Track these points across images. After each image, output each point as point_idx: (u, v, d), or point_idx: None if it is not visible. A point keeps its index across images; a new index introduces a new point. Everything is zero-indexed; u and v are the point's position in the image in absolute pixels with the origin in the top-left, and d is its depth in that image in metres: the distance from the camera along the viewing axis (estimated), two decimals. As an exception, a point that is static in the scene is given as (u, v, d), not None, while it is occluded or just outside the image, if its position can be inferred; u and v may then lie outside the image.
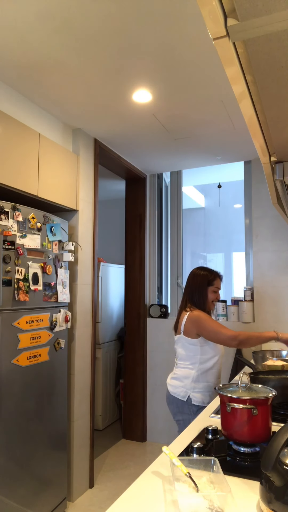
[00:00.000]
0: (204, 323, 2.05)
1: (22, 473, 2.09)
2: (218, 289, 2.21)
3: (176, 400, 2.08)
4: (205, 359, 2.07)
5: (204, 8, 0.65)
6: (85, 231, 2.84)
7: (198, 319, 2.06)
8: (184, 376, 2.09)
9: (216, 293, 2.21)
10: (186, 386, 2.07)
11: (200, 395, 2.04)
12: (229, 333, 1.98)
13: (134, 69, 2.06)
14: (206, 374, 2.08)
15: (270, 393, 1.17)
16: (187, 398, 2.04)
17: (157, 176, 4.00)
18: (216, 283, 2.20)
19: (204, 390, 2.06)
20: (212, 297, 2.19)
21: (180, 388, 2.08)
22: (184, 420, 2.06)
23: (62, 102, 2.46)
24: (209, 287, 2.18)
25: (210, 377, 2.08)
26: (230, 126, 2.76)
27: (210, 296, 2.18)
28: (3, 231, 1.99)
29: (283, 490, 0.78)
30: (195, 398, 2.04)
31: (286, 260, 3.24)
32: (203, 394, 2.05)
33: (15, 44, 1.88)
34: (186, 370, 2.09)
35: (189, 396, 2.04)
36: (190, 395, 2.05)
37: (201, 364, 2.07)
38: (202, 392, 2.05)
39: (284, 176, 1.49)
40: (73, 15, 1.67)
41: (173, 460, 0.96)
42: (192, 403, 2.03)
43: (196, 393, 2.05)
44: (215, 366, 2.10)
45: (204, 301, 2.17)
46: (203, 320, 2.05)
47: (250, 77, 0.89)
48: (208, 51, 1.91)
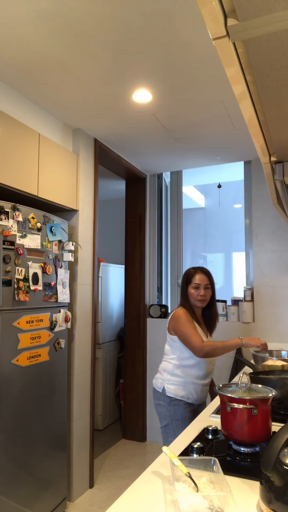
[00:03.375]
0: (180, 325, 2.08)
1: (22, 473, 2.09)
2: (198, 284, 2.15)
3: (155, 390, 2.18)
4: (185, 357, 2.11)
5: (204, 8, 0.65)
6: (85, 231, 2.84)
7: (178, 319, 2.10)
8: (163, 368, 2.18)
9: (198, 290, 2.15)
10: (163, 377, 2.15)
11: (174, 387, 2.09)
12: (197, 343, 1.99)
13: (134, 69, 2.06)
14: (184, 370, 2.10)
15: (270, 393, 1.17)
16: (162, 389, 2.12)
17: (157, 176, 4.00)
18: (195, 279, 2.16)
19: (179, 384, 2.10)
20: (194, 294, 2.15)
21: (159, 380, 2.17)
22: (160, 412, 2.14)
23: (62, 102, 2.46)
24: (189, 285, 2.17)
25: (188, 374, 2.10)
26: (230, 126, 2.76)
27: (191, 293, 2.16)
28: (3, 231, 1.99)
29: (283, 490, 0.78)
30: (169, 390, 2.10)
31: (286, 260, 3.24)
32: (177, 387, 2.09)
33: (15, 44, 1.88)
34: (165, 363, 2.18)
35: (164, 387, 2.12)
36: (165, 386, 2.12)
37: (180, 360, 2.12)
38: (176, 385, 2.10)
39: (284, 176, 1.49)
40: (73, 15, 1.67)
41: (173, 460, 0.96)
42: (166, 394, 2.10)
43: (170, 385, 2.10)
44: (198, 366, 2.11)
45: (187, 300, 2.18)
46: (180, 322, 2.08)
47: (250, 77, 0.89)
48: (208, 51, 1.91)
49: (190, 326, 2.06)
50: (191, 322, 2.09)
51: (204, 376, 2.14)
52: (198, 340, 2.01)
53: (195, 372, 2.11)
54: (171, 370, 2.13)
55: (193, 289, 2.15)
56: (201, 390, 2.13)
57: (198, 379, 2.11)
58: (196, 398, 2.12)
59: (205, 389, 2.17)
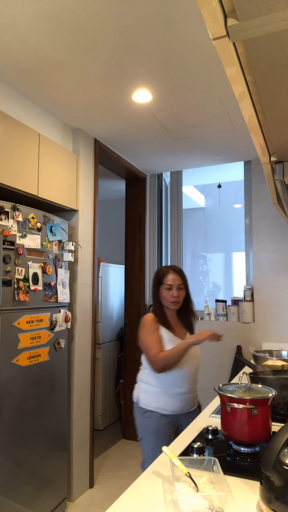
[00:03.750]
0: (141, 335, 1.95)
1: (22, 473, 2.09)
2: (170, 285, 1.95)
3: (134, 403, 2.03)
4: None
5: (204, 8, 0.65)
6: (85, 231, 2.84)
7: (141, 327, 1.97)
8: (139, 377, 2.04)
9: (170, 291, 1.95)
10: (138, 387, 2.01)
11: (146, 397, 1.93)
12: (152, 357, 1.85)
13: (134, 69, 2.06)
14: (158, 378, 1.91)
15: (270, 393, 1.17)
16: (137, 399, 1.98)
17: (157, 176, 4.00)
18: (167, 280, 1.96)
19: (152, 393, 1.92)
20: (167, 297, 1.96)
21: (135, 390, 2.03)
22: (136, 424, 1.97)
23: (62, 102, 2.46)
24: (160, 286, 1.98)
25: (163, 382, 1.90)
26: (230, 126, 2.76)
27: (163, 295, 1.97)
28: (3, 231, 1.99)
29: (283, 490, 0.78)
30: (142, 400, 1.95)
31: (286, 260, 3.24)
32: (150, 397, 1.92)
33: (15, 44, 1.88)
34: (140, 372, 2.03)
35: (138, 397, 1.97)
36: (139, 396, 1.97)
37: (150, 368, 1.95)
38: (148, 394, 1.93)
39: (284, 176, 1.49)
40: (73, 15, 1.67)
41: (173, 460, 0.96)
42: (139, 405, 1.95)
43: (143, 395, 1.95)
44: (174, 373, 1.90)
45: (159, 303, 2.00)
46: (143, 331, 1.95)
47: (250, 77, 0.89)
48: (208, 51, 1.91)
49: (150, 337, 1.90)
50: (152, 332, 1.92)
51: (181, 384, 1.92)
52: (154, 353, 1.85)
53: (170, 379, 1.90)
54: (145, 378, 1.97)
55: (165, 290, 1.96)
56: (180, 400, 1.91)
57: (174, 387, 1.90)
58: (173, 410, 1.90)
59: (186, 398, 1.93)
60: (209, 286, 5.26)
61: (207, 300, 3.69)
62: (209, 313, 3.50)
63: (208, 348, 3.44)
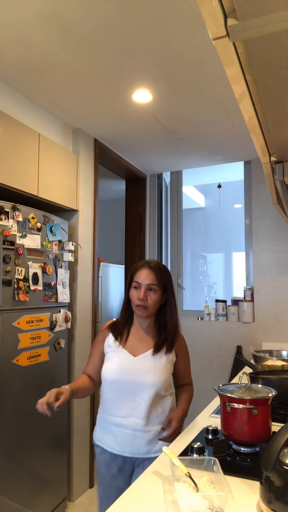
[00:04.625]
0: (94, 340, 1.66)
1: (22, 473, 2.09)
2: (138, 284, 1.51)
3: None
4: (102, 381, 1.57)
5: (204, 8, 0.65)
6: (85, 231, 2.84)
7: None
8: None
9: (137, 290, 1.50)
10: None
11: (97, 427, 1.58)
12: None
13: (134, 69, 2.06)
14: (103, 403, 1.56)
15: (270, 393, 1.17)
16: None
17: (157, 176, 4.00)
18: (136, 277, 1.53)
19: (98, 422, 1.57)
20: (133, 297, 1.52)
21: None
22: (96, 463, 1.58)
23: (62, 102, 2.46)
24: (131, 284, 1.55)
25: (104, 407, 1.54)
26: (230, 126, 2.76)
27: (131, 295, 1.54)
28: (3, 231, 1.99)
29: (283, 490, 0.78)
30: (94, 433, 1.60)
31: (286, 260, 3.24)
32: (98, 428, 1.57)
33: (15, 44, 1.88)
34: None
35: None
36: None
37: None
38: (98, 424, 1.58)
39: (284, 176, 1.49)
40: (73, 15, 1.67)
41: (173, 460, 0.96)
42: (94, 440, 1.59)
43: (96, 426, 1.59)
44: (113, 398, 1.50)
45: (125, 305, 1.60)
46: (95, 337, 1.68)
47: (250, 77, 0.89)
48: (208, 51, 1.91)
49: (92, 348, 1.65)
50: (95, 344, 1.62)
51: (113, 412, 1.49)
52: (86, 367, 1.62)
53: (109, 404, 1.51)
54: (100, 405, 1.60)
55: (133, 289, 1.53)
56: (124, 437, 1.45)
57: (117, 417, 1.48)
58: (115, 447, 1.47)
59: (139, 436, 1.44)
60: (209, 286, 5.26)
61: (207, 300, 3.69)
62: (209, 313, 3.50)
63: (208, 348, 3.44)
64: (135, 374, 1.47)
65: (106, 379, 1.50)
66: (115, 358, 1.51)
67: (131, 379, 1.46)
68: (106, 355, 1.56)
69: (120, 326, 1.59)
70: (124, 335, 1.56)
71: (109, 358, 1.54)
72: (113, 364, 1.51)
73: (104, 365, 1.55)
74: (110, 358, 1.53)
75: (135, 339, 1.55)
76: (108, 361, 1.53)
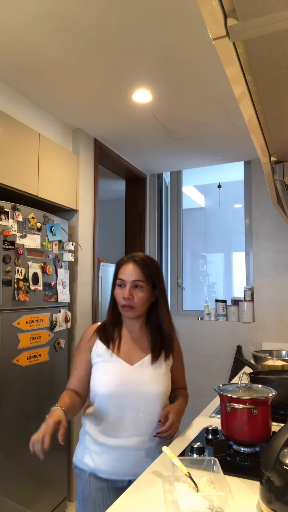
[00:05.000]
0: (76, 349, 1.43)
1: (22, 473, 2.09)
2: (122, 281, 1.34)
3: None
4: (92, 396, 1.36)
5: (204, 8, 0.65)
6: (85, 231, 2.84)
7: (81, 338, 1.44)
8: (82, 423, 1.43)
9: (122, 288, 1.34)
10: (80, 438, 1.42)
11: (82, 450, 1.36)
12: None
13: (134, 69, 2.06)
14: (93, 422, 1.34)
15: (270, 393, 1.17)
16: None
17: (157, 176, 4.00)
18: (120, 273, 1.36)
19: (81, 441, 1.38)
20: (118, 297, 1.36)
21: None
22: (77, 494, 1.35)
23: (62, 102, 2.46)
24: (115, 281, 1.38)
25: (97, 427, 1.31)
26: (230, 126, 2.76)
27: (115, 294, 1.38)
28: (3, 231, 1.99)
29: (283, 490, 0.78)
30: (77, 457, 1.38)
31: (286, 260, 3.24)
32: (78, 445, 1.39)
33: (15, 44, 1.88)
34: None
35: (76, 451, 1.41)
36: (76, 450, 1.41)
37: (88, 407, 1.38)
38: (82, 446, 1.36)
39: (284, 176, 1.49)
40: (73, 15, 1.67)
41: (173, 460, 0.96)
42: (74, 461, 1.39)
43: (78, 448, 1.39)
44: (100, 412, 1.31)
45: (111, 306, 1.43)
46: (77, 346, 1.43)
47: (250, 77, 0.89)
48: (208, 51, 1.91)
49: (75, 358, 1.40)
50: (79, 353, 1.39)
51: (112, 431, 1.29)
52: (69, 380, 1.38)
53: (105, 424, 1.30)
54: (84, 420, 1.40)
55: (117, 287, 1.37)
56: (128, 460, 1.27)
57: (117, 438, 1.28)
58: (114, 472, 1.27)
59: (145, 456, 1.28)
60: (209, 286, 5.26)
61: (207, 300, 3.69)
62: (209, 313, 3.50)
63: (208, 348, 3.44)
64: (135, 386, 1.29)
65: (101, 393, 1.28)
66: (109, 368, 1.31)
67: (132, 392, 1.28)
68: (95, 365, 1.34)
69: (109, 330, 1.37)
70: (116, 340, 1.36)
71: (100, 368, 1.32)
72: (108, 376, 1.30)
73: (95, 377, 1.33)
74: (102, 369, 1.32)
75: (128, 345, 1.37)
76: (100, 373, 1.32)
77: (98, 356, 1.34)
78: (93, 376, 1.33)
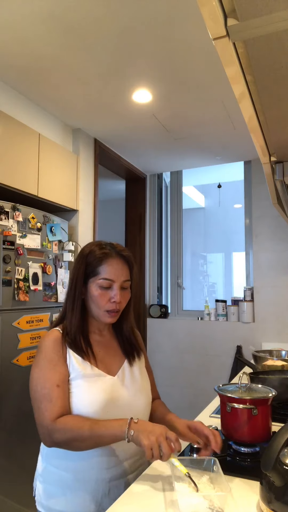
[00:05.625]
0: (34, 366, 1.12)
1: (22, 473, 2.09)
2: (110, 282, 1.11)
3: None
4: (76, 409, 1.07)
5: (204, 8, 0.65)
6: (85, 231, 2.84)
7: (38, 351, 1.15)
8: (40, 451, 1.23)
9: (109, 291, 1.11)
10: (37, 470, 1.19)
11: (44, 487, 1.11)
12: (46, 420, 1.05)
13: (134, 69, 2.06)
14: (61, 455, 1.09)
15: (270, 393, 1.17)
16: (37, 495, 1.13)
17: (157, 176, 4.00)
18: (105, 270, 1.10)
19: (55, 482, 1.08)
20: (101, 301, 1.11)
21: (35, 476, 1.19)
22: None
23: (62, 102, 2.46)
24: (91, 278, 1.12)
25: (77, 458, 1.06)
26: (230, 126, 2.76)
27: (96, 297, 1.11)
28: (3, 231, 1.99)
29: (283, 490, 0.78)
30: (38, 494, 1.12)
31: (286, 260, 3.24)
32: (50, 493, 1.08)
33: (16, 45, 1.88)
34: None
35: (35, 487, 1.16)
36: (36, 485, 1.16)
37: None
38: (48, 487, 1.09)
39: (284, 176, 1.49)
40: (73, 15, 1.67)
41: (172, 460, 0.96)
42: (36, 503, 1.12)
43: (41, 486, 1.12)
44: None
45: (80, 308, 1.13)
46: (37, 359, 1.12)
47: (250, 77, 0.89)
48: (208, 51, 1.91)
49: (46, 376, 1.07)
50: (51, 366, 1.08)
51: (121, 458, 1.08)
52: (48, 415, 1.04)
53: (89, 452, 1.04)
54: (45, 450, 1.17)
55: (99, 288, 1.11)
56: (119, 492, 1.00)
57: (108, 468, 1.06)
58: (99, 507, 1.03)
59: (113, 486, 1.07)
60: (209, 286, 5.26)
61: (207, 300, 3.70)
62: (209, 313, 3.50)
63: (208, 348, 3.44)
64: (125, 399, 1.09)
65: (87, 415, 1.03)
66: (93, 384, 1.07)
67: (122, 407, 1.07)
68: (74, 382, 1.07)
69: (77, 338, 1.11)
70: (88, 349, 1.12)
71: (82, 385, 1.06)
72: (94, 393, 1.06)
73: (78, 396, 1.06)
74: (83, 386, 1.06)
75: (102, 352, 1.15)
76: (83, 391, 1.06)
77: (74, 370, 1.08)
78: (75, 396, 1.06)
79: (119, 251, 1.13)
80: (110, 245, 1.14)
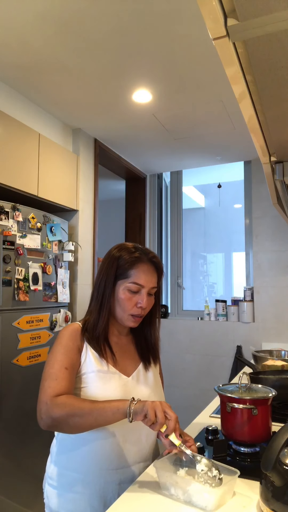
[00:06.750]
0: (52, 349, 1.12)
1: (22, 473, 2.09)
2: (140, 287, 1.12)
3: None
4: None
5: (204, 8, 0.65)
6: (85, 231, 2.84)
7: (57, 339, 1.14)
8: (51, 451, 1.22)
9: (137, 295, 1.12)
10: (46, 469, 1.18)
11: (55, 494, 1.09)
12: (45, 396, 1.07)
13: (134, 69, 2.06)
14: (70, 455, 1.09)
15: (270, 393, 1.17)
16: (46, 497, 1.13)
17: (157, 176, 4.00)
18: (136, 276, 1.12)
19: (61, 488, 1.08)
20: (127, 304, 1.12)
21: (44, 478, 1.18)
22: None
23: (62, 102, 2.46)
24: (119, 280, 1.13)
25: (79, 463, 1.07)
26: (230, 126, 2.76)
27: (122, 299, 1.13)
28: (3, 231, 1.99)
29: (283, 490, 0.78)
30: (48, 497, 1.11)
31: (286, 260, 3.23)
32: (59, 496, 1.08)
33: (15, 44, 1.88)
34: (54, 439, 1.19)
35: (45, 489, 1.15)
36: (45, 488, 1.15)
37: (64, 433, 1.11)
38: (58, 490, 1.09)
39: (284, 176, 1.49)
40: (73, 15, 1.67)
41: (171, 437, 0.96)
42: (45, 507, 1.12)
43: (51, 489, 1.11)
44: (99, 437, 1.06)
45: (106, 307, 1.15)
46: (55, 344, 1.12)
47: (250, 77, 0.89)
48: (208, 51, 1.91)
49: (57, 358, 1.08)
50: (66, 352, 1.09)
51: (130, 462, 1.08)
52: (49, 391, 1.06)
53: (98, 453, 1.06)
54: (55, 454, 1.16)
55: (126, 292, 1.12)
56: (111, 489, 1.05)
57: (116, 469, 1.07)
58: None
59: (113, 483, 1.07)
60: (209, 286, 5.26)
61: (207, 300, 3.70)
62: (209, 313, 3.50)
63: (208, 348, 3.44)
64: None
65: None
66: (107, 382, 1.08)
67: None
68: (88, 377, 1.09)
69: (97, 336, 1.13)
70: (107, 348, 1.14)
71: (96, 382, 1.08)
72: (108, 391, 1.06)
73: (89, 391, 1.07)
74: (98, 383, 1.08)
75: (119, 353, 1.17)
76: (96, 388, 1.07)
77: (90, 365, 1.09)
78: (88, 390, 1.07)
79: (151, 257, 1.15)
80: (141, 250, 1.16)
